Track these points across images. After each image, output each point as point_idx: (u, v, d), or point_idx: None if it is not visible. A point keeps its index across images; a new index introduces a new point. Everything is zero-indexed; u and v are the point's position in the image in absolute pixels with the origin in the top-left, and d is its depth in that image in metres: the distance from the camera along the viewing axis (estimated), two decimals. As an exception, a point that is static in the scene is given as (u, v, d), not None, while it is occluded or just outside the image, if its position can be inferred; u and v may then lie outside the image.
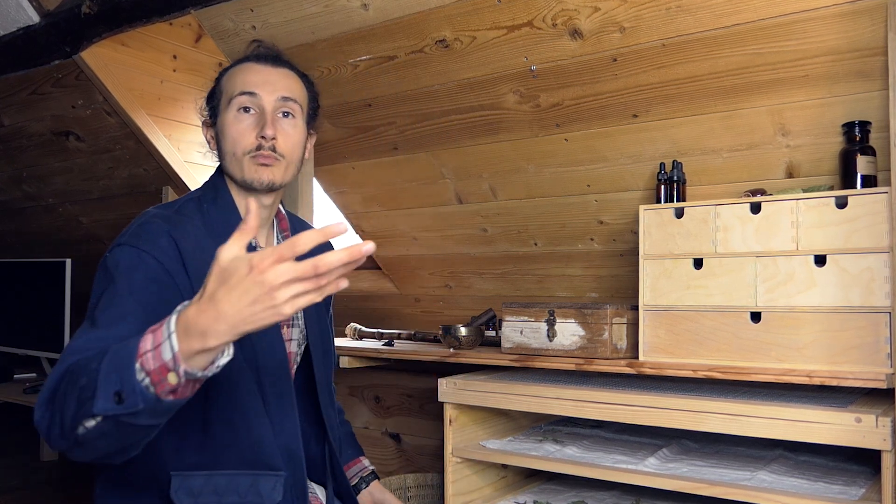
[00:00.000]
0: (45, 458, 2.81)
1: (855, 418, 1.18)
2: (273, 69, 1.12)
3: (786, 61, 1.42)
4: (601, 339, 1.53)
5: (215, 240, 1.02)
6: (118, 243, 1.00)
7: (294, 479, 1.08)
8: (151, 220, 1.03)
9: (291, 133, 1.11)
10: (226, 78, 1.13)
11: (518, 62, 1.66)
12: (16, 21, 2.12)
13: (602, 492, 1.70)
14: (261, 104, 1.09)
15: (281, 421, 1.08)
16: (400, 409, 2.44)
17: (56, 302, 2.81)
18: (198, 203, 1.11)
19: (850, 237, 1.31)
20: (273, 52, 1.15)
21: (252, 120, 1.09)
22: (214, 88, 1.15)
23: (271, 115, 1.09)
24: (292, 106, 1.11)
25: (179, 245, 1.00)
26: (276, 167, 1.09)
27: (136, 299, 0.93)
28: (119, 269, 0.96)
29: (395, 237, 2.26)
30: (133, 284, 0.94)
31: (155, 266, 0.97)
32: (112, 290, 0.94)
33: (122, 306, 0.92)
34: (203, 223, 1.07)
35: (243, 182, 1.10)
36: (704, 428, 1.32)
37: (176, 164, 2.33)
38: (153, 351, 0.73)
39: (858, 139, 1.40)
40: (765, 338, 1.37)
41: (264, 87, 1.09)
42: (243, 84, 1.09)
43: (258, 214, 0.76)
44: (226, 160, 1.11)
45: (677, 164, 1.61)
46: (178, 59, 2.29)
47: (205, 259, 0.98)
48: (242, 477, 1.02)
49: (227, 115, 1.10)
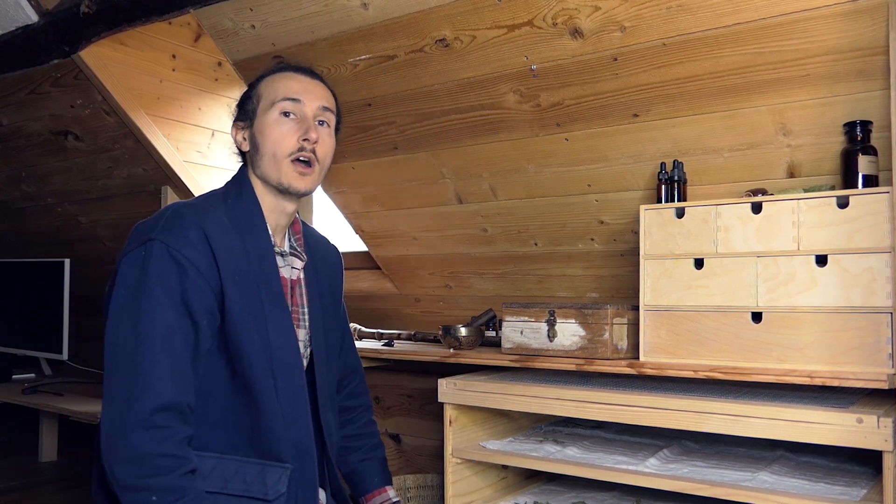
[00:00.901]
0: (44, 459, 2.80)
1: (856, 419, 1.17)
2: (311, 80, 1.21)
3: (787, 61, 1.42)
4: (602, 340, 1.52)
5: (239, 233, 1.12)
6: (151, 237, 1.05)
7: (302, 473, 1.10)
8: (180, 210, 1.09)
9: (328, 140, 1.20)
10: (265, 83, 1.20)
11: (518, 61, 1.66)
12: (14, 20, 2.12)
13: (602, 492, 1.70)
14: (303, 110, 1.16)
15: (292, 413, 1.11)
16: (400, 409, 2.43)
17: (55, 302, 2.81)
18: (223, 198, 1.17)
19: (851, 237, 1.30)
20: (307, 66, 1.25)
21: (293, 124, 1.16)
22: (250, 93, 1.21)
23: (313, 122, 1.17)
24: (329, 116, 1.21)
25: (208, 234, 1.06)
26: (312, 175, 1.17)
27: (171, 302, 1.02)
28: (152, 269, 1.03)
29: (394, 237, 2.25)
30: (169, 287, 1.03)
31: (186, 264, 1.04)
32: (150, 293, 1.02)
33: (165, 316, 1.02)
34: (227, 216, 1.13)
35: (279, 185, 1.16)
36: (705, 428, 1.31)
37: (175, 163, 2.33)
38: None
39: (860, 139, 1.39)
40: (766, 338, 1.36)
41: (306, 95, 1.17)
42: (286, 90, 1.17)
43: None
44: (263, 161, 1.16)
45: (678, 164, 1.61)
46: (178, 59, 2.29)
47: (231, 250, 1.08)
48: (251, 465, 1.06)
49: (267, 117, 1.16)
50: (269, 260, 1.14)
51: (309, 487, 1.11)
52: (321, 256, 1.31)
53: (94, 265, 3.01)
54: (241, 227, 1.13)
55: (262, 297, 1.10)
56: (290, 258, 1.22)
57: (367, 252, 2.41)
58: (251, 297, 1.09)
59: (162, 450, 0.97)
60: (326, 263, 1.33)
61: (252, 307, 1.09)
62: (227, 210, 1.14)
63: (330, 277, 1.33)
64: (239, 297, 1.07)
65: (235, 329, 1.06)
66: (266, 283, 1.12)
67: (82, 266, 2.97)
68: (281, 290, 1.15)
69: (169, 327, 1.01)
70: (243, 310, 1.07)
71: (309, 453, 1.11)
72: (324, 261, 1.32)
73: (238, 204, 1.15)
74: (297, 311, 1.21)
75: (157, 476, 0.96)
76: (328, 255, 1.35)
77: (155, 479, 0.96)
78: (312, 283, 1.26)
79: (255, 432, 1.07)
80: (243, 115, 1.20)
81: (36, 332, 2.91)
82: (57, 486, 2.55)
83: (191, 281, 1.03)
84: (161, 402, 0.98)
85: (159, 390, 0.98)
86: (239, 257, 1.10)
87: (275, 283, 1.14)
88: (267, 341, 1.09)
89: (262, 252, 1.14)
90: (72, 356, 2.85)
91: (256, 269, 1.12)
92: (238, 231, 1.12)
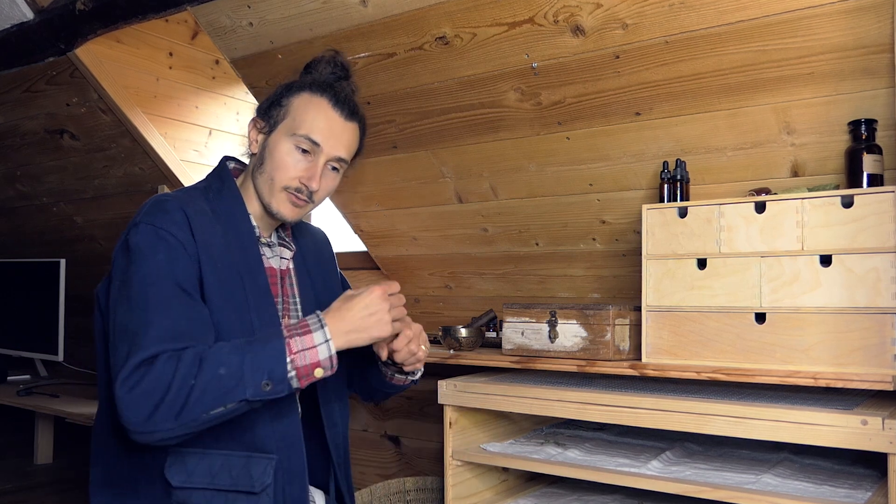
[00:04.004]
0: (40, 462, 2.78)
1: (861, 421, 1.16)
2: (344, 122, 1.16)
3: (791, 58, 1.41)
4: (603, 341, 1.51)
5: (221, 224, 1.12)
6: (136, 222, 1.05)
7: (289, 464, 1.09)
8: (162, 197, 1.09)
9: (331, 183, 1.18)
10: (298, 103, 1.15)
11: (519, 59, 1.64)
12: (9, 18, 2.10)
13: (604, 495, 1.68)
14: (318, 155, 1.14)
15: (278, 405, 1.09)
16: (399, 411, 2.42)
17: (50, 302, 2.79)
18: (203, 192, 1.15)
19: (856, 237, 1.29)
20: (351, 102, 1.18)
21: (304, 164, 1.14)
22: (281, 100, 1.16)
23: (322, 169, 1.14)
24: (342, 164, 1.18)
25: (190, 218, 1.06)
26: (304, 209, 1.16)
27: (165, 278, 1.01)
28: (143, 249, 1.02)
29: (394, 237, 2.24)
30: (160, 265, 1.01)
31: (174, 242, 1.03)
32: (142, 272, 1.01)
33: (161, 289, 1.00)
34: (209, 207, 1.12)
35: (268, 207, 1.16)
36: (708, 430, 1.30)
37: (172, 162, 2.31)
38: (308, 351, 0.98)
39: (865, 137, 1.38)
40: (769, 339, 1.35)
41: (328, 142, 1.14)
42: (310, 129, 1.13)
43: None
44: (262, 177, 1.15)
45: (681, 163, 1.59)
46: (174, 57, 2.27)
47: (211, 240, 1.08)
48: (235, 458, 1.05)
49: (283, 142, 1.14)
50: (253, 251, 1.13)
51: (297, 480, 1.10)
52: (311, 245, 1.31)
53: (90, 265, 2.99)
54: (223, 218, 1.12)
55: (245, 287, 1.09)
56: (277, 248, 1.21)
57: (366, 252, 2.40)
58: (234, 287, 1.08)
59: (152, 375, 0.93)
60: (316, 251, 1.32)
61: (235, 298, 1.08)
62: (209, 203, 1.13)
63: (322, 265, 1.31)
64: (218, 286, 1.06)
65: (215, 319, 1.05)
66: (249, 273, 1.11)
67: (78, 266, 2.94)
68: (266, 281, 1.14)
69: (164, 297, 0.99)
70: (224, 299, 1.06)
71: (296, 446, 1.10)
72: (313, 249, 1.31)
73: (219, 197, 1.14)
74: (287, 302, 1.20)
75: (163, 395, 0.93)
76: (317, 243, 1.34)
77: (165, 397, 0.93)
78: (303, 273, 1.24)
79: (239, 424, 1.05)
80: (266, 117, 1.16)
81: (31, 333, 2.89)
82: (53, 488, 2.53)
83: (179, 258, 1.02)
84: (151, 352, 0.95)
85: (151, 342, 0.96)
86: (221, 247, 1.08)
87: (259, 273, 1.13)
88: (251, 332, 1.07)
89: (245, 243, 1.13)
90: (67, 357, 2.83)
91: (239, 259, 1.11)
92: (220, 222, 1.11)
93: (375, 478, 2.40)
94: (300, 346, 0.98)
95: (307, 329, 1.00)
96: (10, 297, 3.01)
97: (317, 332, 1.00)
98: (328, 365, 1.00)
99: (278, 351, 0.97)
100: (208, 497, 1.03)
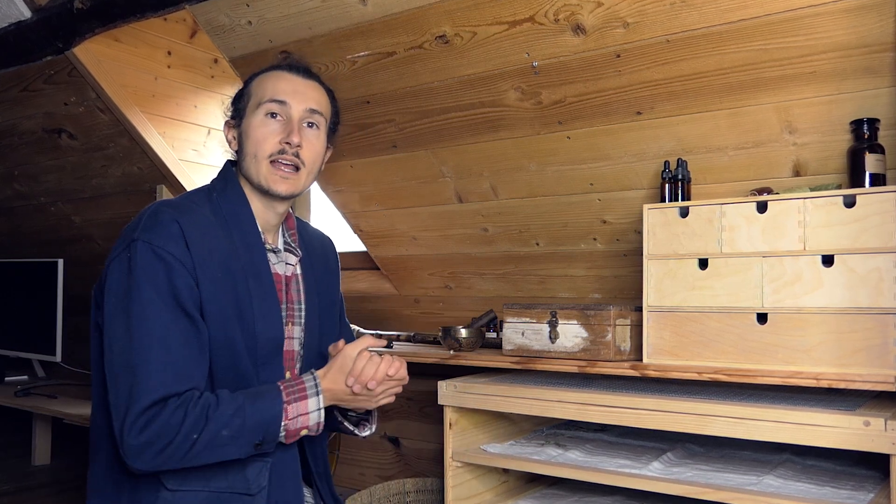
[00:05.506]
0: (38, 463, 2.77)
1: (863, 422, 1.16)
2: (303, 80, 1.17)
3: (793, 57, 1.40)
4: (604, 341, 1.50)
5: (225, 228, 1.12)
6: (133, 238, 1.05)
7: (284, 464, 1.10)
8: (159, 208, 1.09)
9: (315, 143, 1.17)
10: (256, 82, 1.18)
11: (520, 58, 1.64)
12: (7, 16, 2.09)
13: (605, 496, 1.68)
14: (289, 112, 1.14)
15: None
16: (399, 412, 2.41)
17: (48, 303, 2.77)
18: (208, 193, 1.16)
19: (858, 237, 1.28)
20: (304, 65, 1.21)
21: (278, 126, 1.14)
22: (242, 91, 1.19)
23: (298, 124, 1.14)
24: (318, 118, 1.17)
25: (184, 230, 1.05)
26: (296, 179, 1.14)
27: (164, 301, 1.02)
28: (141, 270, 1.03)
29: (394, 237, 2.23)
30: (159, 288, 1.02)
31: (171, 260, 1.03)
32: (142, 297, 1.02)
33: (160, 315, 1.02)
34: (212, 212, 1.12)
35: (259, 186, 1.15)
36: (710, 431, 1.30)
37: (170, 162, 2.30)
38: (301, 416, 1.05)
39: (867, 137, 1.38)
40: (771, 339, 1.34)
41: (294, 97, 1.14)
42: (273, 91, 1.14)
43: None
44: (246, 161, 1.16)
45: (682, 163, 1.59)
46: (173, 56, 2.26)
47: (211, 246, 1.08)
48: (231, 461, 1.05)
49: (253, 118, 1.15)
50: (259, 252, 1.13)
51: (291, 478, 1.11)
52: (319, 251, 1.30)
53: (88, 265, 2.98)
54: (227, 221, 1.12)
55: (250, 290, 1.09)
56: (283, 254, 1.21)
57: (365, 252, 2.39)
58: (238, 291, 1.08)
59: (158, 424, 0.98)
60: (324, 257, 1.32)
61: (239, 302, 1.08)
62: (212, 206, 1.13)
63: (328, 274, 1.31)
64: (217, 295, 1.06)
65: (213, 327, 1.05)
66: (255, 276, 1.11)
67: (76, 266, 2.93)
68: (272, 284, 1.14)
69: (163, 326, 1.01)
70: (224, 306, 1.06)
71: (290, 448, 1.11)
72: (321, 255, 1.31)
73: (223, 198, 1.14)
74: (292, 309, 1.20)
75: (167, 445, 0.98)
76: (325, 250, 1.34)
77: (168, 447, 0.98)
78: (310, 279, 1.24)
79: None
80: (234, 114, 1.19)
81: (28, 333, 2.88)
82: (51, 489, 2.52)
83: (178, 276, 1.03)
84: (157, 396, 0.98)
85: (155, 385, 0.98)
86: (224, 252, 1.08)
87: (265, 276, 1.13)
88: (253, 336, 1.08)
89: (250, 245, 1.13)
90: (65, 358, 2.82)
91: (245, 262, 1.11)
92: (223, 226, 1.11)
93: (375, 479, 2.40)
94: (295, 412, 1.04)
95: (304, 394, 1.05)
96: (8, 298, 3.00)
97: (312, 398, 1.05)
98: (315, 429, 1.06)
99: (275, 416, 1.03)
100: (203, 499, 1.04)
